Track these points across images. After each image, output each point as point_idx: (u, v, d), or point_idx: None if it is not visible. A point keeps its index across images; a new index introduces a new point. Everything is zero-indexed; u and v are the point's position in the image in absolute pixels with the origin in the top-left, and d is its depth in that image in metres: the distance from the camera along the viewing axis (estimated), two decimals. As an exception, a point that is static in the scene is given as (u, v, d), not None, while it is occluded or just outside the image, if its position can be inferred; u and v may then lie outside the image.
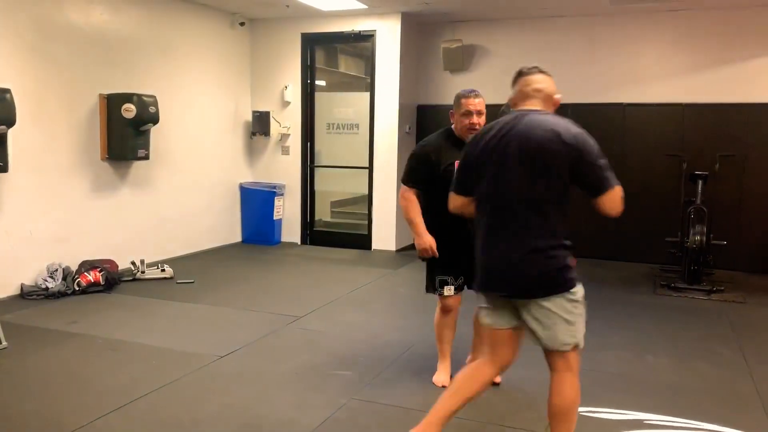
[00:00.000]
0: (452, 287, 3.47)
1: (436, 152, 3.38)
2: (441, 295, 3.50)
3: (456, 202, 2.67)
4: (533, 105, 2.58)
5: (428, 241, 3.40)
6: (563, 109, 8.15)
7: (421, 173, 3.42)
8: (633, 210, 6.97)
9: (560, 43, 7.38)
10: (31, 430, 2.99)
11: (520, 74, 2.66)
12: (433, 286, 3.54)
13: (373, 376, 3.69)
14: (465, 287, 3.49)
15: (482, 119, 3.34)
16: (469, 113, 3.34)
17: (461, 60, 7.60)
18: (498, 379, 3.47)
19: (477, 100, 3.37)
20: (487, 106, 3.43)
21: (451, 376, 3.13)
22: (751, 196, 6.52)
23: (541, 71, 2.65)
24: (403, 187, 3.47)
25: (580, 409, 3.28)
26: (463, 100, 3.37)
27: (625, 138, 6.96)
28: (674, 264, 6.40)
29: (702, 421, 3.13)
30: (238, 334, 4.42)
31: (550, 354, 2.61)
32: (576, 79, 7.30)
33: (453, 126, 3.45)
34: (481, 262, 2.55)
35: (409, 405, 3.34)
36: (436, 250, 3.40)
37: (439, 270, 3.49)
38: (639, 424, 3.15)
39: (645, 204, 6.77)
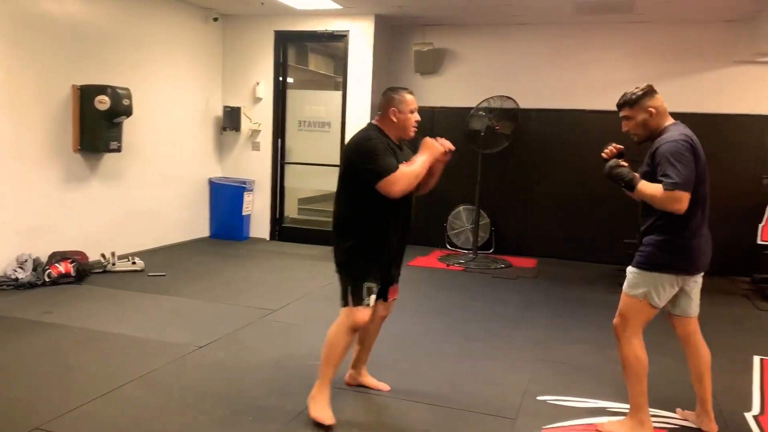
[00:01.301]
0: (374, 297, 3.10)
1: (390, 147, 3.06)
2: (366, 306, 3.07)
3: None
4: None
5: (431, 142, 3.08)
6: (527, 114, 8.42)
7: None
8: (595, 213, 7.37)
9: (526, 49, 7.65)
10: (14, 417, 3.03)
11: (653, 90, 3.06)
12: (359, 295, 3.06)
13: (348, 366, 3.82)
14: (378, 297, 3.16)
15: None
16: (414, 111, 3.13)
17: (432, 63, 7.79)
18: (387, 387, 3.49)
19: None
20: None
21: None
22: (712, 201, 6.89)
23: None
24: (388, 179, 2.91)
25: (548, 397, 3.51)
26: (408, 97, 3.10)
27: (586, 144, 7.26)
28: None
29: (659, 409, 3.36)
30: (214, 326, 4.50)
31: (689, 320, 3.15)
32: (540, 86, 7.59)
33: (383, 124, 3.10)
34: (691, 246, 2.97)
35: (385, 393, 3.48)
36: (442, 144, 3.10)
37: (370, 275, 3.08)
38: (602, 411, 3.36)
39: (606, 208, 7.09)
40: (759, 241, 7.01)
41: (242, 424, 3.06)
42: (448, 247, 7.87)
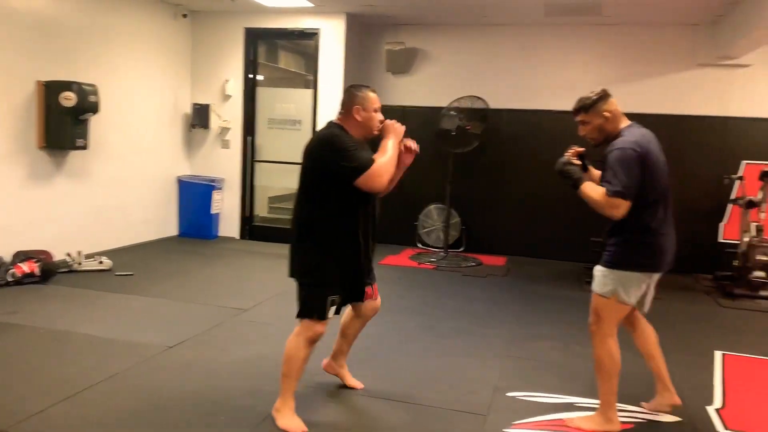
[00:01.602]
0: (334, 308, 3.00)
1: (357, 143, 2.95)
2: (325, 319, 2.96)
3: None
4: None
5: (393, 123, 3.02)
6: (498, 115, 8.49)
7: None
8: (563, 212, 7.48)
9: (497, 50, 7.73)
10: (-19, 419, 2.97)
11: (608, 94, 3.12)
12: (322, 308, 2.94)
13: (321, 364, 3.83)
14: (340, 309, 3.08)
15: None
16: (378, 110, 3.04)
17: (404, 62, 7.82)
18: (361, 385, 3.49)
19: None
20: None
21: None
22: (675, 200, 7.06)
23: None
24: (369, 173, 2.81)
25: (517, 393, 3.57)
26: (372, 95, 3.03)
27: (555, 143, 7.35)
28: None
29: (626, 403, 3.44)
30: (185, 326, 4.46)
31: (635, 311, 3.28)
32: (510, 86, 7.67)
33: (346, 123, 3.00)
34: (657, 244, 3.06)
35: (361, 391, 3.50)
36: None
37: (333, 286, 2.97)
38: (570, 406, 3.43)
39: (573, 207, 7.18)
40: (720, 240, 7.22)
41: (214, 425, 3.04)
42: (419, 245, 7.91)
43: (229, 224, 8.09)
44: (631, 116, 3.20)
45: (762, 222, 6.27)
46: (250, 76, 7.98)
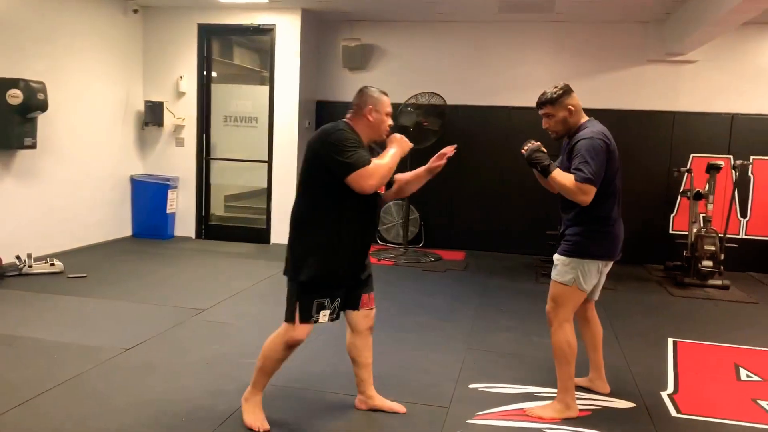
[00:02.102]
0: (327, 312, 2.89)
1: (361, 143, 2.87)
2: (313, 322, 2.88)
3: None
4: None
5: (400, 137, 2.99)
6: (455, 111, 8.58)
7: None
8: (519, 207, 7.60)
9: (453, 47, 7.79)
10: (-73, 429, 2.85)
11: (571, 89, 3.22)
12: (308, 311, 2.84)
13: (287, 363, 3.80)
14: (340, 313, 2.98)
15: None
16: (390, 114, 2.99)
17: (360, 58, 7.81)
18: (403, 409, 3.24)
19: None
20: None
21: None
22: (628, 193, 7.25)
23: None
24: (361, 172, 2.71)
25: (479, 385, 3.61)
26: (386, 99, 2.97)
27: (510, 139, 7.47)
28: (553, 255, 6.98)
29: (585, 392, 3.52)
30: (141, 327, 4.36)
31: (591, 303, 3.43)
32: (467, 82, 7.75)
33: (356, 123, 2.91)
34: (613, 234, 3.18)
35: (324, 388, 3.49)
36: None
37: (321, 290, 2.86)
38: (531, 396, 3.49)
39: (529, 201, 7.32)
40: (671, 231, 7.45)
41: (175, 427, 2.99)
42: (379, 242, 7.93)
43: (185, 224, 7.94)
44: (585, 111, 3.28)
45: (709, 213, 6.49)
46: (205, 72, 7.86)
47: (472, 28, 7.71)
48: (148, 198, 7.71)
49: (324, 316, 2.88)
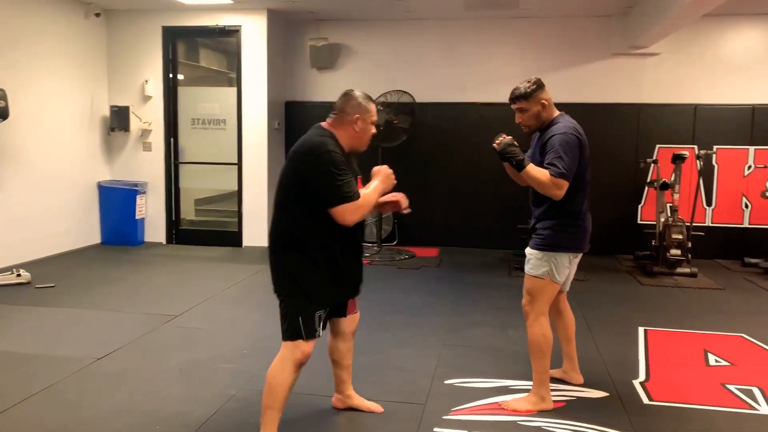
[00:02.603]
0: (323, 323, 2.79)
1: (346, 161, 2.74)
2: (318, 337, 2.75)
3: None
4: None
5: (386, 171, 2.89)
6: (424, 108, 8.59)
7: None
8: (490, 202, 7.65)
9: (420, 44, 7.81)
10: None
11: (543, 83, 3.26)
12: (311, 327, 2.71)
13: (261, 367, 3.75)
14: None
15: None
16: (374, 124, 2.87)
17: (328, 58, 7.79)
18: (380, 408, 3.23)
19: None
20: None
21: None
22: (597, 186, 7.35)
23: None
24: (347, 206, 2.64)
25: (455, 381, 3.63)
26: (373, 108, 2.85)
27: (479, 135, 7.51)
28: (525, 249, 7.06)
29: (559, 383, 3.56)
30: (112, 336, 4.29)
31: (563, 294, 3.48)
32: (435, 80, 7.78)
33: (339, 130, 2.77)
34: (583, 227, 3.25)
35: (298, 390, 3.46)
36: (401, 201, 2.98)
37: (323, 301, 2.76)
38: (506, 389, 3.52)
39: (500, 196, 7.38)
40: (639, 221, 7.57)
41: (149, 435, 2.96)
42: (352, 241, 7.91)
43: (155, 229, 7.84)
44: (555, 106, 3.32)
45: (676, 202, 6.61)
46: (171, 75, 7.76)
47: (440, 25, 7.75)
48: (117, 204, 7.59)
49: (321, 329, 2.77)
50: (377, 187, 2.82)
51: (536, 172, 3.09)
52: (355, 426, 3.11)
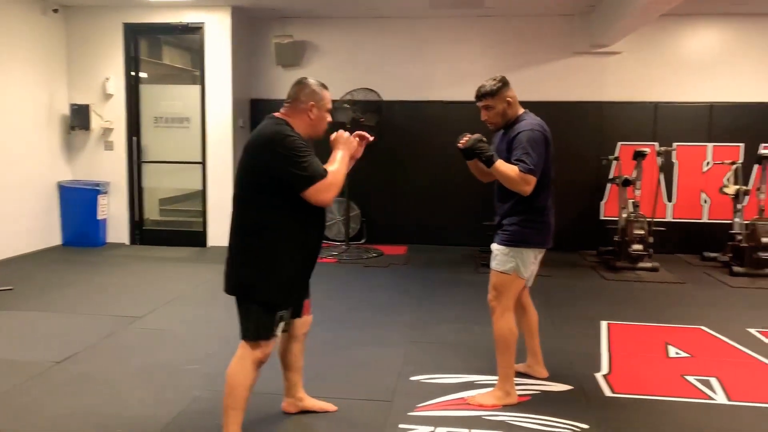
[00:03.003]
0: (283, 324, 2.73)
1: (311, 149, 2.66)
2: (274, 337, 2.69)
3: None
4: None
5: (345, 135, 2.80)
6: (391, 106, 8.57)
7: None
8: (456, 199, 7.70)
9: (387, 42, 7.82)
10: None
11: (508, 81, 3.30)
12: (270, 326, 2.65)
13: (226, 368, 3.72)
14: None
15: None
16: (330, 110, 2.81)
17: (293, 55, 7.74)
18: (334, 408, 3.22)
19: None
20: None
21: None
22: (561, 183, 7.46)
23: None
24: (318, 186, 2.56)
25: (421, 377, 3.65)
26: (327, 94, 2.79)
27: (446, 133, 7.55)
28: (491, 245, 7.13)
29: (524, 378, 3.60)
30: (73, 339, 4.20)
31: (526, 289, 3.51)
32: (402, 78, 7.79)
33: (293, 119, 2.70)
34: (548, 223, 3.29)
35: (263, 390, 3.43)
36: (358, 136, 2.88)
37: (284, 301, 2.69)
38: (471, 385, 3.54)
39: (465, 194, 7.42)
40: (602, 217, 7.70)
41: (111, 438, 2.90)
42: (319, 239, 7.88)
43: (118, 230, 7.70)
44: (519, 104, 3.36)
45: (637, 199, 6.74)
46: (133, 73, 7.63)
47: (405, 23, 7.76)
48: (78, 205, 7.44)
49: (280, 328, 2.70)
50: (343, 156, 2.74)
51: (505, 168, 3.12)
52: (322, 424, 3.09)
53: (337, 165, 2.70)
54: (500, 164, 3.14)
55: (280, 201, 2.59)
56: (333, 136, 2.81)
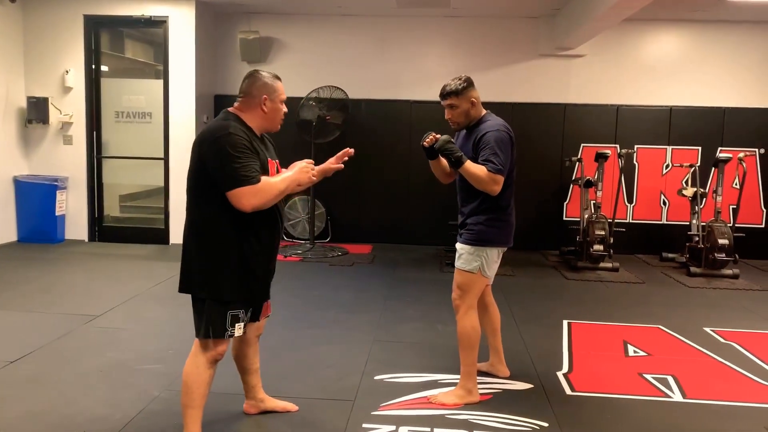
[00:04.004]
0: (242, 325, 2.66)
1: (253, 145, 2.59)
2: (228, 337, 2.63)
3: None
4: None
5: (307, 169, 2.71)
6: (357, 105, 8.55)
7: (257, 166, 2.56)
8: (421, 199, 7.72)
9: (353, 41, 7.79)
10: None
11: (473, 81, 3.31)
12: (222, 327, 2.59)
13: (169, 368, 3.67)
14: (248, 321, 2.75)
15: None
16: (284, 102, 2.76)
17: (259, 51, 7.66)
18: (295, 407, 3.20)
19: None
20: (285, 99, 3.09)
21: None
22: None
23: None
24: (244, 189, 2.47)
25: (384, 376, 3.64)
26: (280, 86, 2.74)
27: (411, 132, 7.57)
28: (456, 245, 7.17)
29: (486, 377, 3.63)
30: (27, 338, 4.08)
31: (488, 287, 3.54)
32: (368, 77, 7.78)
33: (246, 113, 2.67)
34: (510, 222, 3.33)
35: (222, 390, 3.39)
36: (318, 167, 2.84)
37: (237, 300, 2.63)
38: (434, 383, 3.55)
39: (430, 193, 7.44)
40: (564, 217, 7.81)
41: (65, 440, 2.82)
42: (285, 238, 7.83)
43: (77, 226, 7.51)
44: (482, 104, 3.38)
45: (599, 200, 6.85)
46: (93, 66, 7.45)
47: (373, 22, 7.75)
48: (35, 200, 7.24)
49: (239, 329, 2.64)
50: (289, 177, 2.63)
51: (474, 169, 3.14)
52: (283, 424, 3.06)
53: (278, 180, 2.59)
54: (469, 165, 3.15)
55: (224, 196, 2.52)
56: (299, 165, 2.72)
